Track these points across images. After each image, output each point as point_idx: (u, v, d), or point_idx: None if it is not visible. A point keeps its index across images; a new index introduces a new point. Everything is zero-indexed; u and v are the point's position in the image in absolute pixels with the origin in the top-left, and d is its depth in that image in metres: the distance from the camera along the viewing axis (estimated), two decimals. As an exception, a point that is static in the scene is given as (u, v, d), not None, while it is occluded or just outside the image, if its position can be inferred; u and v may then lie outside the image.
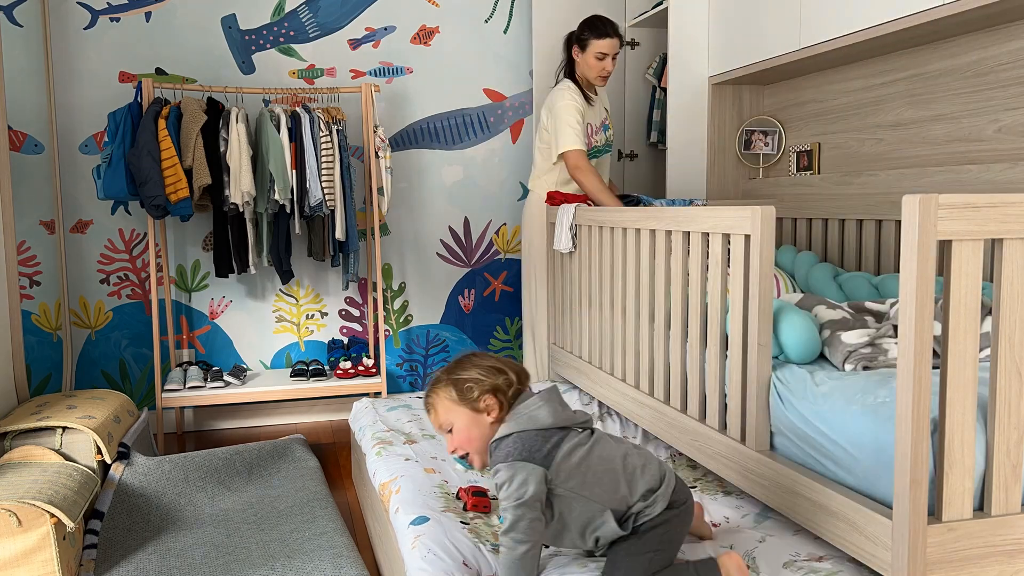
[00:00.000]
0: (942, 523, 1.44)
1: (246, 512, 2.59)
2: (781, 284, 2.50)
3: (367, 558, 2.34)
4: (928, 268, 1.38)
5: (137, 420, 2.98)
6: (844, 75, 3.02)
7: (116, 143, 3.23)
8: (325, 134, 3.37)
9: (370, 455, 2.45)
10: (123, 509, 2.53)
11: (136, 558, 2.27)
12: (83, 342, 3.61)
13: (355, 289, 3.91)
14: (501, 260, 4.09)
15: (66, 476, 2.27)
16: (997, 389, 1.45)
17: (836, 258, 3.01)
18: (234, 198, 3.25)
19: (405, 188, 3.91)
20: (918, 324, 1.38)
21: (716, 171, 3.50)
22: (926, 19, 2.31)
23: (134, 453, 2.73)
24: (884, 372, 1.80)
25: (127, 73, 3.56)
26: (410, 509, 1.97)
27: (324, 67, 3.78)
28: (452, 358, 1.69)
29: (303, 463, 2.99)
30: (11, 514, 2.02)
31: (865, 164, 2.94)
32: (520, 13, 3.98)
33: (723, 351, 2.02)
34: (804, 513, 1.70)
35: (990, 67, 2.43)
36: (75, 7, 3.48)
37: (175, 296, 3.69)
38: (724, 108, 3.48)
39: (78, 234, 3.57)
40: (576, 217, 2.99)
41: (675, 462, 2.37)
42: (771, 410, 1.85)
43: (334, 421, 3.85)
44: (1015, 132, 2.36)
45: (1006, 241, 1.42)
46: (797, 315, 1.95)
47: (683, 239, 2.18)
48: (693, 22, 3.39)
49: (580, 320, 3.01)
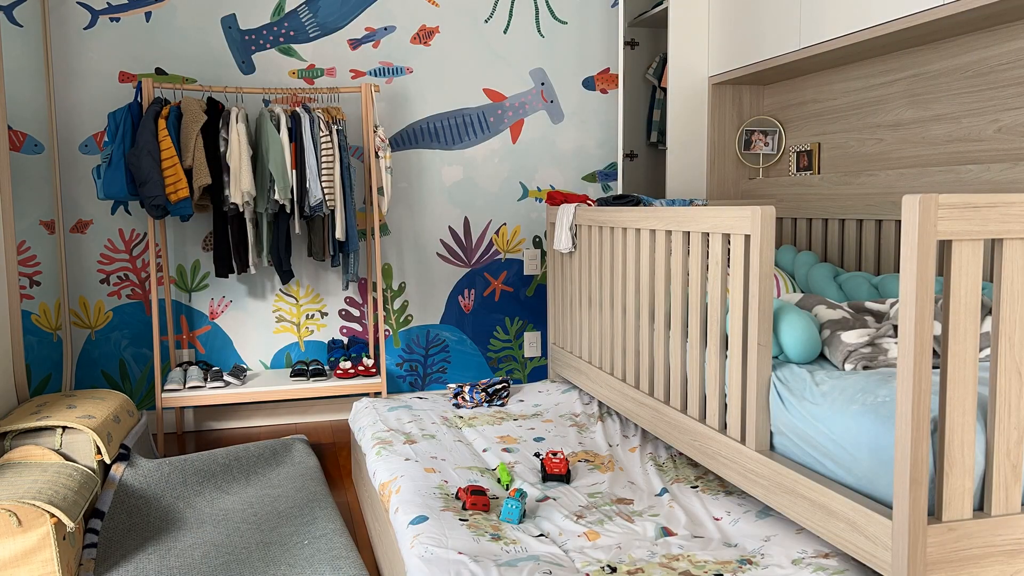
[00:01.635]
0: (942, 523, 1.44)
1: (246, 512, 2.59)
2: (781, 284, 2.50)
3: (367, 558, 2.34)
4: (928, 268, 1.38)
5: (138, 422, 2.98)
6: (844, 75, 3.02)
7: (116, 143, 3.23)
8: (325, 134, 3.37)
9: (370, 455, 2.46)
10: (123, 509, 2.53)
11: (136, 558, 2.27)
12: (83, 342, 3.61)
13: (355, 289, 3.91)
14: (501, 260, 4.09)
15: (66, 476, 2.27)
16: (997, 389, 1.45)
17: (836, 258, 3.01)
18: (234, 198, 3.25)
19: (405, 188, 3.91)
20: (918, 324, 1.38)
21: (716, 171, 3.50)
22: (926, 19, 2.31)
23: (134, 454, 2.73)
24: (884, 372, 1.80)
25: (127, 73, 3.56)
26: (409, 509, 1.98)
27: (324, 67, 3.78)
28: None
29: (303, 463, 3.00)
30: (11, 514, 2.02)
31: (865, 164, 2.94)
32: (520, 13, 3.98)
33: (723, 351, 2.02)
34: (804, 513, 1.70)
35: (990, 67, 2.43)
36: (75, 7, 3.48)
37: (175, 296, 3.69)
38: (724, 108, 3.48)
39: (78, 234, 3.57)
40: (576, 217, 2.99)
41: (675, 462, 2.37)
42: (771, 410, 1.85)
43: (334, 421, 3.85)
44: (1015, 132, 2.36)
45: (1006, 241, 1.42)
46: (797, 315, 1.95)
47: (683, 239, 2.18)
48: (693, 22, 3.39)
49: (580, 320, 3.01)
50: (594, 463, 2.35)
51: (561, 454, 2.26)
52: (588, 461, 2.36)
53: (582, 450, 2.46)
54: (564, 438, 2.58)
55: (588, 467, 2.31)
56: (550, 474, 2.20)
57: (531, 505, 2.04)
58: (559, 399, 3.08)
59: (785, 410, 1.81)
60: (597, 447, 2.51)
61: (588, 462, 2.35)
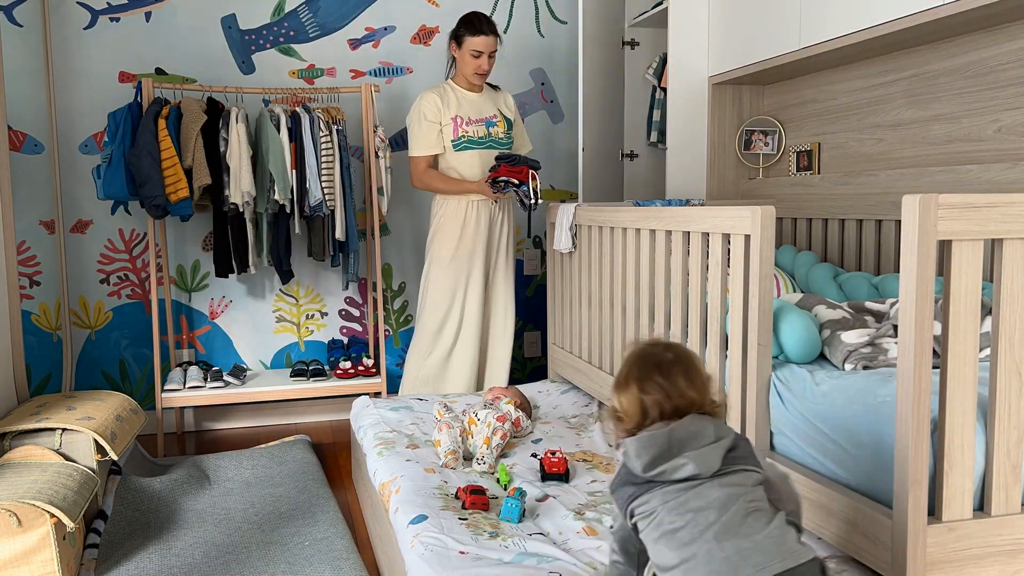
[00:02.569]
0: (942, 523, 1.44)
1: (247, 512, 2.59)
2: (781, 284, 2.50)
3: (367, 558, 2.34)
4: (928, 268, 1.38)
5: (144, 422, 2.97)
6: (844, 75, 3.02)
7: (116, 143, 3.23)
8: (325, 134, 3.37)
9: (371, 455, 2.46)
10: (124, 509, 2.53)
11: (136, 558, 2.27)
12: (83, 342, 3.61)
13: (355, 289, 3.91)
14: (501, 260, 4.08)
15: (66, 476, 2.27)
16: (997, 389, 1.45)
17: (836, 258, 3.01)
18: (234, 198, 3.25)
19: (405, 188, 3.91)
20: (918, 324, 1.38)
21: (716, 171, 3.50)
22: (926, 19, 2.31)
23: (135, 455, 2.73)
24: (884, 372, 1.80)
25: (127, 73, 3.56)
26: (409, 509, 1.97)
27: (324, 67, 3.78)
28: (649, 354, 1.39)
29: (305, 464, 3.00)
30: (11, 514, 2.02)
31: (865, 164, 2.94)
32: (520, 13, 3.98)
33: (723, 351, 2.02)
34: (804, 513, 1.70)
35: (990, 67, 2.43)
36: (75, 7, 3.48)
37: (175, 296, 3.69)
38: (724, 108, 3.47)
39: (78, 234, 3.57)
40: (576, 217, 2.99)
41: (675, 462, 2.37)
42: (771, 410, 1.85)
43: (334, 421, 3.85)
44: (1015, 132, 2.36)
45: (1006, 241, 1.42)
46: (797, 315, 1.95)
47: (683, 239, 2.18)
48: (693, 22, 3.39)
49: (580, 320, 3.01)
50: (592, 463, 2.35)
51: (560, 453, 2.26)
52: (587, 461, 2.36)
53: (579, 450, 2.46)
54: (562, 438, 2.58)
55: (587, 467, 2.31)
56: (549, 473, 2.20)
57: (530, 504, 2.04)
58: (558, 400, 3.08)
59: (785, 410, 1.81)
60: (596, 447, 2.51)
61: (587, 462, 2.35)
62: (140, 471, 2.87)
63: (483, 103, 3.27)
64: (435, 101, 3.19)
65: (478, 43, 3.12)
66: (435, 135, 3.20)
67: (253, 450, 3.13)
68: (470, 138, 3.21)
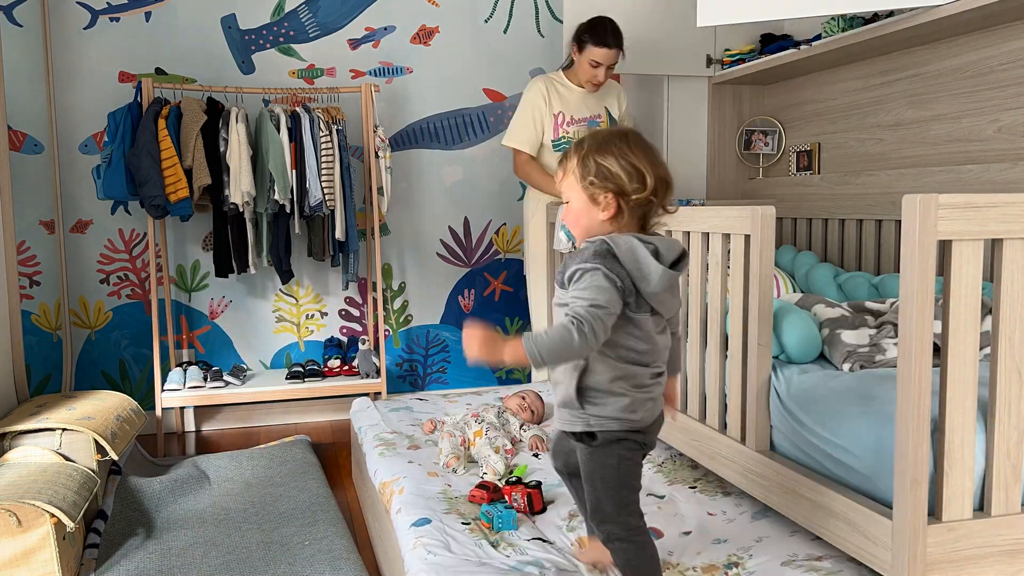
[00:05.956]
0: (942, 523, 1.44)
1: (247, 512, 2.59)
2: (781, 284, 2.50)
3: (367, 557, 2.33)
4: (928, 268, 1.38)
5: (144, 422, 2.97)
6: (844, 75, 3.02)
7: (116, 143, 3.23)
8: (325, 134, 3.37)
9: (371, 455, 2.46)
10: (124, 509, 2.53)
11: (136, 558, 2.27)
12: (83, 342, 3.61)
13: (355, 289, 3.91)
14: (501, 260, 4.09)
15: (66, 476, 2.27)
16: (997, 389, 1.45)
17: (836, 258, 3.01)
18: (234, 198, 3.25)
19: (405, 188, 3.91)
20: (918, 324, 1.38)
21: (716, 171, 3.50)
22: (926, 19, 2.31)
23: (136, 455, 2.73)
24: (884, 372, 1.80)
25: (127, 73, 3.56)
26: (412, 510, 1.97)
27: (324, 67, 3.78)
28: (610, 128, 1.49)
29: (305, 464, 2.99)
30: (11, 514, 2.02)
31: (865, 164, 2.94)
32: (520, 13, 3.98)
33: (723, 351, 2.02)
34: (804, 513, 1.70)
35: (990, 67, 2.43)
36: (75, 7, 3.48)
37: (175, 296, 3.69)
38: (724, 108, 3.47)
39: (78, 234, 3.57)
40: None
41: (675, 462, 2.37)
42: (771, 410, 1.85)
43: (334, 421, 3.85)
44: (1015, 132, 2.36)
45: (1006, 241, 1.42)
46: (797, 315, 1.95)
47: (683, 239, 2.18)
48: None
49: (580, 320, 3.00)
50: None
51: (521, 488, 2.00)
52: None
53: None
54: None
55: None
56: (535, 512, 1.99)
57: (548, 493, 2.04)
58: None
59: (785, 410, 1.81)
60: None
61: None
62: (140, 471, 2.87)
63: (591, 100, 3.25)
64: (542, 92, 3.19)
65: (599, 55, 3.05)
66: (533, 129, 3.20)
67: (253, 450, 3.13)
68: (570, 139, 3.20)
